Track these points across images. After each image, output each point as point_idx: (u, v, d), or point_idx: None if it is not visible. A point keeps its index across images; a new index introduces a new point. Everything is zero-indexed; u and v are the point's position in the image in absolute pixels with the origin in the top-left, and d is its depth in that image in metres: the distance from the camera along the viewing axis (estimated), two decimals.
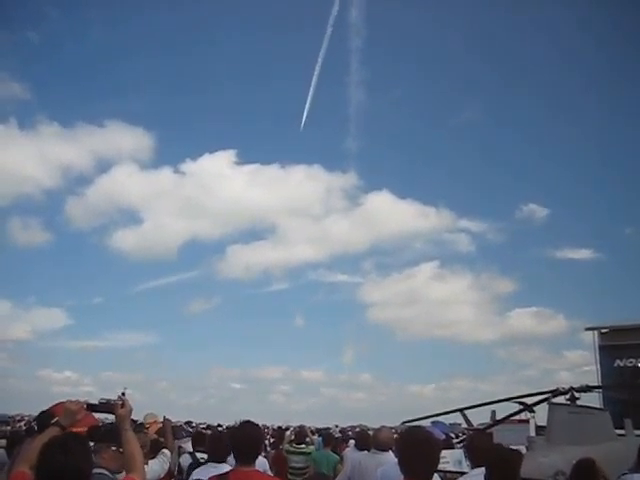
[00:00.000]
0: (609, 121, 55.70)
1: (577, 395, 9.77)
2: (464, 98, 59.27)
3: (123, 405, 3.66)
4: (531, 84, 59.09)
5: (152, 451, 7.12)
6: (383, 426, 6.85)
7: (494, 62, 58.92)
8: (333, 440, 11.34)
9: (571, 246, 54.85)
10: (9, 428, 19.63)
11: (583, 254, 53.97)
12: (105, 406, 3.80)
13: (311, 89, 46.23)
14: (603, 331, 26.44)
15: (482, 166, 61.74)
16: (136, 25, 59.84)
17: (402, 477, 3.69)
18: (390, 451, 6.45)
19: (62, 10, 56.08)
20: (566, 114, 56.47)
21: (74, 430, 3.57)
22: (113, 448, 3.91)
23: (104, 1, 61.85)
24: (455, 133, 61.86)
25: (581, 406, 9.74)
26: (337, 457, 10.16)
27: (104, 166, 56.00)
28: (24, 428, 18.83)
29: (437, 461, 3.76)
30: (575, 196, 58.45)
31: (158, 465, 6.41)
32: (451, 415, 15.93)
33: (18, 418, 26.93)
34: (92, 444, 3.65)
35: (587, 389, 9.99)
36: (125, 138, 56.37)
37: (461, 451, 9.94)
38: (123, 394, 3.95)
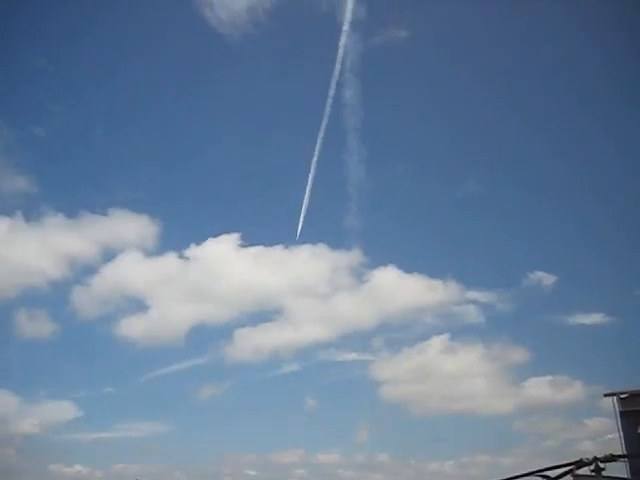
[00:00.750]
0: (612, 184, 56.66)
1: (602, 465, 9.41)
2: (466, 169, 60.76)
3: None
4: (532, 153, 60.33)
5: None
6: None
7: (495, 132, 60.65)
8: None
9: (581, 311, 54.47)
10: None
11: (594, 318, 53.52)
12: None
13: (312, 169, 47.39)
14: (622, 396, 25.80)
15: (486, 236, 62.33)
16: (138, 118, 62.42)
17: None
18: None
19: (65, 105, 58.74)
20: (568, 181, 57.65)
21: None
22: None
23: (106, 96, 64.44)
24: (458, 204, 62.99)
25: (607, 477, 9.37)
26: None
27: (109, 255, 56.82)
28: None
29: None
30: (581, 261, 58.60)
31: None
32: None
33: None
34: None
35: (612, 459, 9.62)
36: (129, 226, 57.65)
37: None
38: None
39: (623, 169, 55.86)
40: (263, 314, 64.93)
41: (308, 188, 48.96)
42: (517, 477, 10.45)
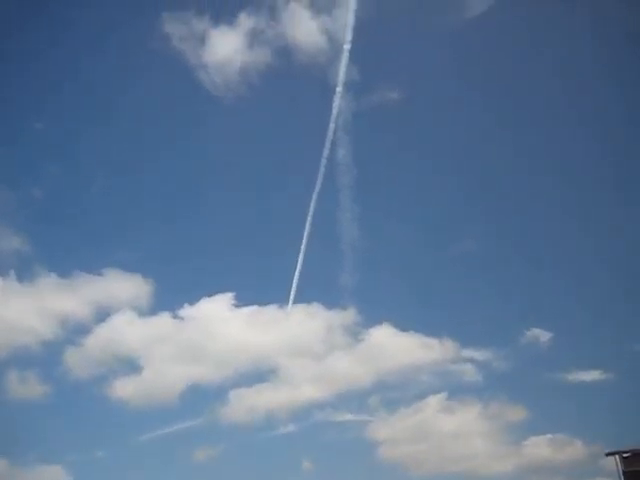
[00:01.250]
0: (608, 238, 57.17)
1: None
2: (460, 227, 61.35)
3: None
4: (528, 209, 61.22)
5: None
6: None
7: (490, 189, 61.55)
8: None
9: (579, 368, 53.95)
10: None
11: (592, 375, 53.06)
12: None
13: (306, 227, 47.73)
14: (625, 455, 25.36)
15: (482, 294, 62.29)
16: (133, 178, 63.25)
17: None
18: None
19: (62, 165, 59.54)
20: (564, 238, 58.21)
21: None
22: None
23: (101, 157, 65.52)
24: (453, 262, 63.21)
25: None
26: None
27: (103, 314, 56.40)
28: None
29: None
30: (577, 317, 58.37)
31: None
32: None
33: None
34: None
35: None
36: (123, 286, 57.50)
37: None
38: None
39: (620, 222, 56.23)
40: (258, 374, 64.04)
41: (302, 247, 49.21)
42: None
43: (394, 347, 55.82)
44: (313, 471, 57.01)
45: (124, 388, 58.30)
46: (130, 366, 63.91)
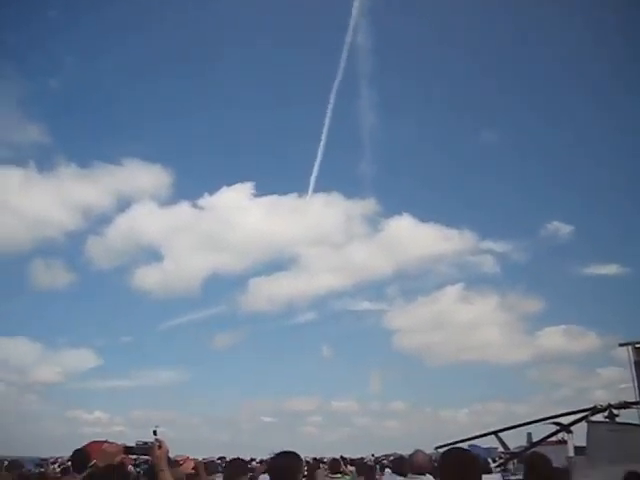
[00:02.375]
0: (633, 134, 55.41)
1: (616, 412, 9.55)
2: (483, 120, 59.68)
3: (160, 447, 3.66)
4: (549, 103, 59.03)
5: None
6: (418, 450, 6.72)
7: (512, 83, 59.25)
8: (366, 469, 11.18)
9: (598, 262, 54.40)
10: (43, 470, 19.59)
11: (610, 269, 53.56)
12: (142, 448, 3.80)
13: (327, 116, 46.49)
14: (638, 346, 25.79)
15: (503, 186, 61.78)
16: (150, 66, 62.16)
17: None
18: (428, 475, 6.35)
19: (79, 57, 58.12)
20: (587, 131, 56.48)
21: None
22: None
23: (118, 49, 63.89)
24: (475, 153, 62.33)
25: (621, 423, 9.50)
26: None
27: (123, 205, 57.24)
28: (58, 470, 18.82)
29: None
30: (599, 211, 58.00)
31: None
32: (487, 439, 15.64)
33: (52, 460, 26.88)
34: None
35: (626, 405, 9.76)
36: (143, 176, 57.92)
37: (499, 475, 9.74)
38: (155, 432, 3.95)
39: None
40: (277, 263, 65.64)
41: (324, 136, 47.92)
42: (531, 423, 10.65)
43: (413, 237, 56.05)
44: (332, 358, 59.54)
45: (146, 277, 60.49)
46: (151, 255, 66.01)
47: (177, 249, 60.68)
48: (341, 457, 14.08)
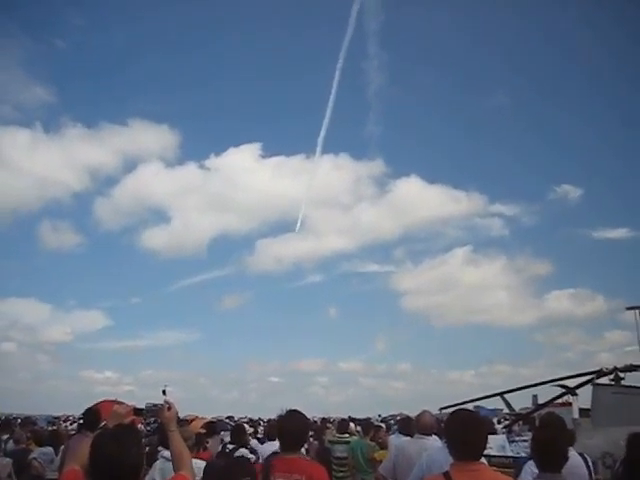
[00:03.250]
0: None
1: (621, 375, 9.60)
2: (492, 81, 58.81)
3: (169, 408, 3.70)
4: (561, 64, 57.95)
5: (197, 444, 7.22)
6: (425, 410, 6.79)
7: (524, 47, 58.16)
8: (372, 429, 11.33)
9: (607, 225, 54.10)
10: (55, 427, 20.03)
11: (619, 233, 53.18)
12: (152, 410, 3.85)
13: (335, 76, 45.70)
14: None
15: (513, 148, 61.24)
16: (157, 27, 61.03)
17: (450, 460, 3.67)
18: (433, 435, 6.43)
19: (86, 18, 57.31)
20: (597, 93, 55.62)
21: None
22: None
23: (125, 6, 62.64)
24: (484, 114, 61.43)
25: (626, 386, 9.56)
26: (373, 444, 10.18)
27: (130, 165, 57.11)
28: (70, 427, 19.24)
29: (486, 442, 3.73)
30: (609, 174, 57.58)
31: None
32: (492, 400, 15.80)
33: (64, 418, 27.45)
34: None
35: (632, 368, 9.80)
36: (149, 136, 57.36)
37: (504, 436, 9.84)
38: (164, 392, 3.99)
39: None
40: (285, 224, 65.82)
41: (332, 96, 47.10)
42: (537, 385, 10.74)
43: (421, 199, 55.65)
44: (339, 319, 60.02)
45: (154, 238, 60.49)
46: (159, 216, 66.06)
47: (184, 210, 60.67)
48: (349, 417, 14.35)
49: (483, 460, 3.79)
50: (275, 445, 5.50)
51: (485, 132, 61.80)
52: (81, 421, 8.72)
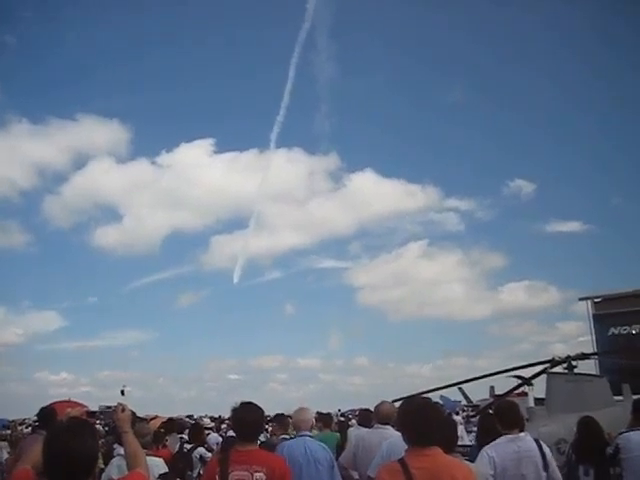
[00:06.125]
0: (594, 88, 55.92)
1: (574, 364, 9.86)
2: (447, 75, 59.24)
3: (123, 410, 3.69)
4: (516, 58, 58.73)
5: (156, 441, 7.18)
6: (384, 400, 6.87)
7: (478, 39, 58.82)
8: (331, 421, 11.39)
9: (560, 219, 55.03)
10: (9, 432, 19.60)
11: (572, 226, 54.16)
12: (105, 412, 3.82)
13: (290, 71, 45.17)
14: (596, 300, 26.62)
15: (467, 143, 61.70)
16: (109, 23, 58.86)
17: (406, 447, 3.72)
18: (390, 426, 6.49)
19: (34, 10, 55.34)
20: (550, 86, 56.74)
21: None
22: None
23: (77, 1, 60.98)
24: (439, 110, 61.81)
25: (579, 374, 9.83)
26: (337, 435, 10.25)
27: (79, 162, 54.30)
28: (26, 430, 18.82)
29: (439, 425, 3.79)
30: (561, 169, 58.56)
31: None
32: (451, 393, 16.05)
33: (19, 422, 26.83)
34: None
35: (584, 357, 10.09)
36: (99, 132, 54.54)
37: (462, 427, 10.02)
38: (122, 392, 3.98)
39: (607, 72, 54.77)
40: (239, 220, 65.15)
41: (285, 90, 46.37)
42: (493, 374, 10.94)
43: (376, 194, 55.27)
44: (295, 315, 59.82)
45: (106, 236, 58.32)
46: (110, 214, 64.13)
47: (136, 207, 58.34)
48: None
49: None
50: None
51: (439, 127, 62.15)
52: (36, 423, 8.55)
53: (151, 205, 58.45)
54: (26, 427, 21.60)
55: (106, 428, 13.37)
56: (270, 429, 13.21)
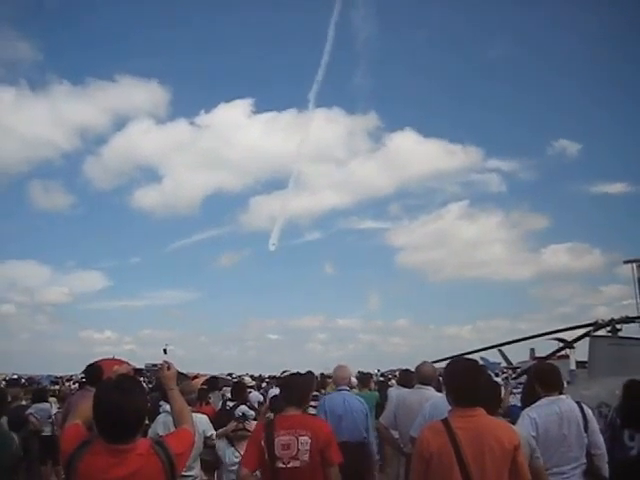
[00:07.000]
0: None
1: (618, 327, 9.67)
2: (491, 32, 57.71)
3: (169, 368, 3.74)
4: (560, 18, 56.66)
5: (199, 398, 7.35)
6: (425, 361, 6.87)
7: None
8: (369, 381, 11.46)
9: (605, 180, 54.21)
10: (58, 388, 20.27)
11: (617, 188, 53.14)
12: (151, 370, 3.88)
13: (330, 28, 44.31)
14: None
15: (510, 102, 60.31)
16: None
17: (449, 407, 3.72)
18: (430, 387, 6.51)
19: None
20: (596, 48, 54.70)
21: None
22: None
23: None
24: (480, 68, 60.46)
25: (623, 337, 9.64)
26: (376, 394, 10.32)
27: (119, 123, 56.02)
28: (73, 387, 19.47)
29: (483, 387, 3.77)
30: (607, 129, 57.00)
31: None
32: (490, 355, 15.96)
33: (67, 378, 27.75)
34: None
35: (628, 320, 9.87)
36: (138, 93, 56.03)
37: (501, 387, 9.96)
38: (165, 351, 4.03)
39: None
40: (278, 181, 65.24)
41: (325, 49, 45.49)
42: (534, 337, 10.83)
43: (416, 153, 54.82)
44: (335, 276, 60.14)
45: (146, 197, 59.90)
46: (150, 175, 65.42)
47: (176, 168, 59.45)
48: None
49: None
50: None
51: (481, 84, 60.73)
52: (83, 379, 8.81)
53: (190, 166, 59.14)
54: (73, 383, 22.36)
55: (149, 385, 13.69)
56: None
